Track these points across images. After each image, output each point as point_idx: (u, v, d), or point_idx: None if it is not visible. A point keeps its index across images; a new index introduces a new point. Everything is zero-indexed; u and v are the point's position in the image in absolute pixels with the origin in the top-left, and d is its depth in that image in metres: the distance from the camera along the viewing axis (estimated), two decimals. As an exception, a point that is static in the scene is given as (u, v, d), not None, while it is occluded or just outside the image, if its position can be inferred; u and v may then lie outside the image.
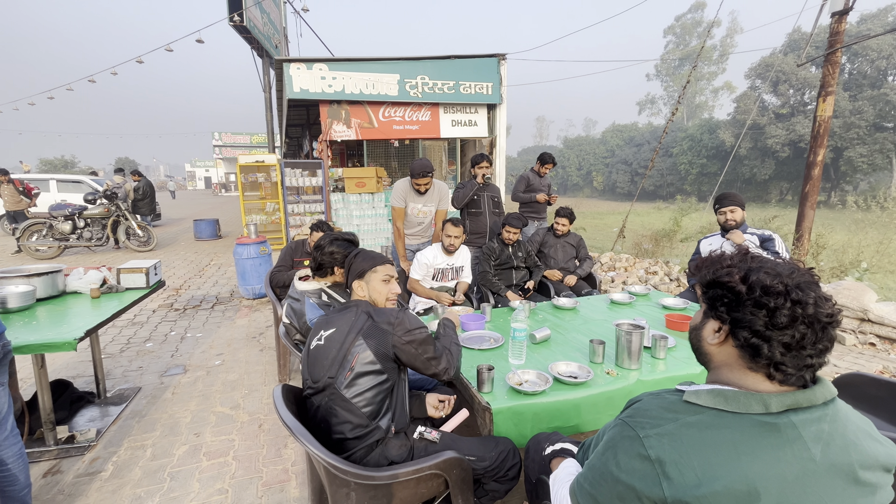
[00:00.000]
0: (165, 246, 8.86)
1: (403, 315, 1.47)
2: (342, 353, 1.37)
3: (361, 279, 1.59)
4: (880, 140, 22.57)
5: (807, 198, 5.72)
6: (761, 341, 0.74)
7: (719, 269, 0.82)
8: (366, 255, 1.63)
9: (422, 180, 3.07)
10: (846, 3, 5.21)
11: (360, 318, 1.44)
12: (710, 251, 2.98)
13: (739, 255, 0.84)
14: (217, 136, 37.58)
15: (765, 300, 0.74)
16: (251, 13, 10.90)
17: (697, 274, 0.89)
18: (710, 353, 0.85)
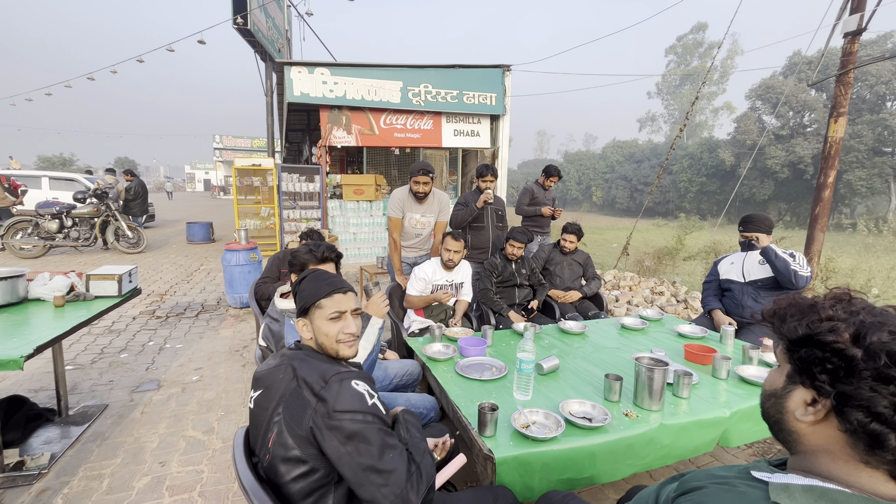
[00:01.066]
0: (156, 248, 8.62)
1: (340, 384, 1.00)
2: (264, 428, 1.04)
3: (304, 317, 1.19)
4: (879, 164, 22.66)
5: (817, 220, 5.56)
6: (887, 429, 0.54)
7: (816, 320, 0.61)
8: (310, 283, 1.21)
9: (421, 178, 2.87)
10: (859, 24, 5.11)
11: (287, 375, 1.05)
12: (731, 268, 2.79)
13: (842, 302, 0.63)
14: (218, 139, 37.51)
15: (892, 373, 0.53)
16: (255, 17, 10.82)
17: (775, 321, 0.68)
18: (800, 433, 0.64)
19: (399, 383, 2.06)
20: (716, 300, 2.82)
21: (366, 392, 1.01)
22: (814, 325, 0.61)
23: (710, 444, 1.63)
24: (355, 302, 1.23)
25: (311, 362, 1.08)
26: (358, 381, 1.03)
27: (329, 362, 1.13)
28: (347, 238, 7.60)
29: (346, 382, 1.01)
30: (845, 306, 0.62)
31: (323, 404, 0.97)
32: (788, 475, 0.63)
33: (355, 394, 1.00)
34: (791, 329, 0.64)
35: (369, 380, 1.08)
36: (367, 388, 1.03)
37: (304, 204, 7.98)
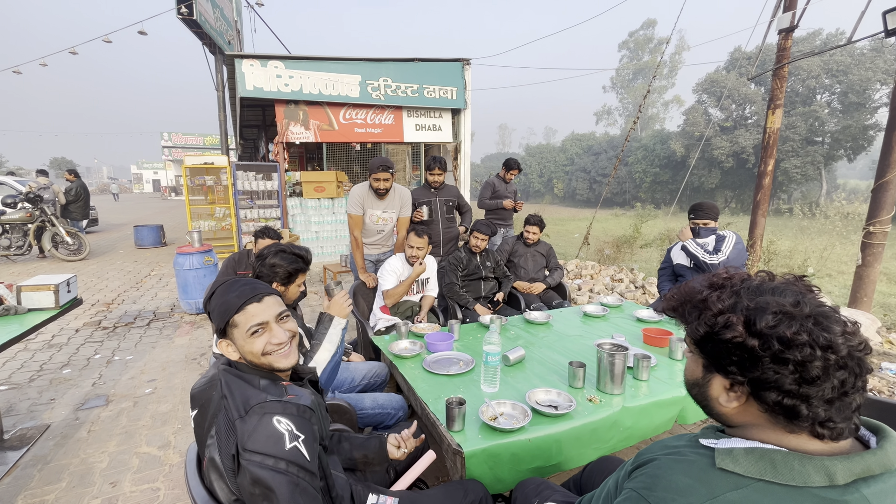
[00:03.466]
0: (101, 255, 8.05)
1: (259, 418, 0.88)
2: (202, 450, 0.96)
3: (224, 337, 1.06)
4: (811, 153, 24.51)
5: (759, 206, 5.94)
6: (798, 401, 0.59)
7: (711, 316, 0.65)
8: (217, 299, 1.06)
9: (381, 175, 2.81)
10: (792, 21, 5.47)
11: (218, 394, 0.96)
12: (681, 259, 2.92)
13: (720, 283, 0.69)
14: (167, 137, 35.47)
15: (787, 355, 0.58)
16: (202, 7, 10.23)
17: (674, 315, 0.73)
18: (727, 414, 0.69)
19: (366, 384, 2.02)
20: (670, 284, 2.95)
21: (287, 433, 0.88)
22: (711, 323, 0.65)
23: (668, 423, 1.70)
24: (278, 305, 1.10)
25: (237, 383, 0.97)
26: (283, 417, 0.90)
27: (261, 383, 1.00)
28: (310, 237, 7.40)
29: (266, 418, 0.89)
30: (729, 292, 0.66)
31: (235, 434, 0.88)
32: (732, 440, 0.66)
33: (272, 434, 0.87)
34: (693, 330, 0.68)
35: (300, 414, 0.94)
36: (291, 428, 0.90)
37: (263, 203, 7.69)
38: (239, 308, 1.04)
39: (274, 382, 1.02)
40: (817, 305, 0.62)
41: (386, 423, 1.74)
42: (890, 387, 2.89)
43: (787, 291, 0.64)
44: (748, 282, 0.67)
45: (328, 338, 1.58)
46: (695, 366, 0.72)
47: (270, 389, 0.98)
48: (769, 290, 0.64)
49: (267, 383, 1.01)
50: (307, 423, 0.94)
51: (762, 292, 0.64)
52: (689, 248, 2.76)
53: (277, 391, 0.99)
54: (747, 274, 0.71)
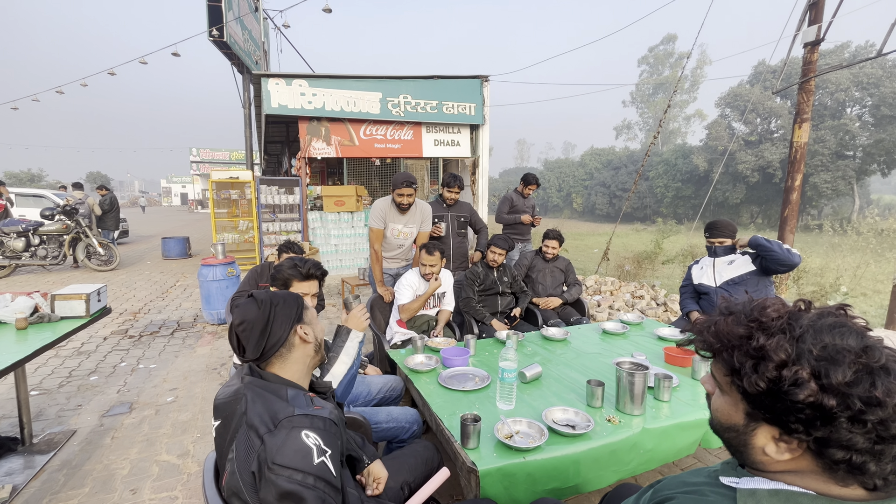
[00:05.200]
0: (130, 265, 8.35)
1: (288, 432, 0.89)
2: (223, 462, 0.97)
3: (301, 323, 1.11)
4: (842, 167, 23.71)
5: (786, 222, 5.76)
6: (868, 458, 0.53)
7: (768, 366, 0.56)
8: (276, 294, 1.13)
9: (405, 190, 2.86)
10: (818, 35, 5.37)
11: (241, 408, 0.96)
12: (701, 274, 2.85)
13: (765, 320, 0.60)
14: (195, 152, 36.84)
15: (869, 415, 0.52)
16: (232, 29, 10.72)
17: (714, 358, 0.65)
18: (768, 463, 0.62)
19: (382, 398, 2.02)
20: (693, 302, 2.87)
21: (314, 447, 0.89)
22: (774, 377, 0.56)
23: (691, 447, 1.64)
24: None
25: (264, 397, 0.98)
26: (311, 431, 0.91)
27: (288, 393, 1.00)
28: (329, 250, 7.51)
29: (294, 432, 0.90)
30: (787, 336, 0.57)
31: (264, 449, 0.88)
32: (755, 479, 0.63)
33: (301, 448, 0.88)
34: (750, 383, 0.58)
35: (327, 428, 0.95)
36: (319, 442, 0.90)
37: (284, 216, 7.87)
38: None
39: (302, 393, 1.04)
40: (888, 352, 0.56)
41: (401, 438, 1.73)
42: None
43: (845, 331, 0.57)
44: (798, 319, 0.59)
45: (345, 351, 1.59)
46: (732, 410, 0.63)
47: (298, 401, 0.99)
48: (827, 328, 0.57)
49: (294, 394, 1.02)
50: (334, 438, 0.95)
51: (821, 332, 0.57)
52: (764, 238, 2.53)
53: (305, 402, 1.00)
54: (788, 306, 0.63)
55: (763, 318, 0.61)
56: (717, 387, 0.67)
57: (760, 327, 0.60)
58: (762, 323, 0.60)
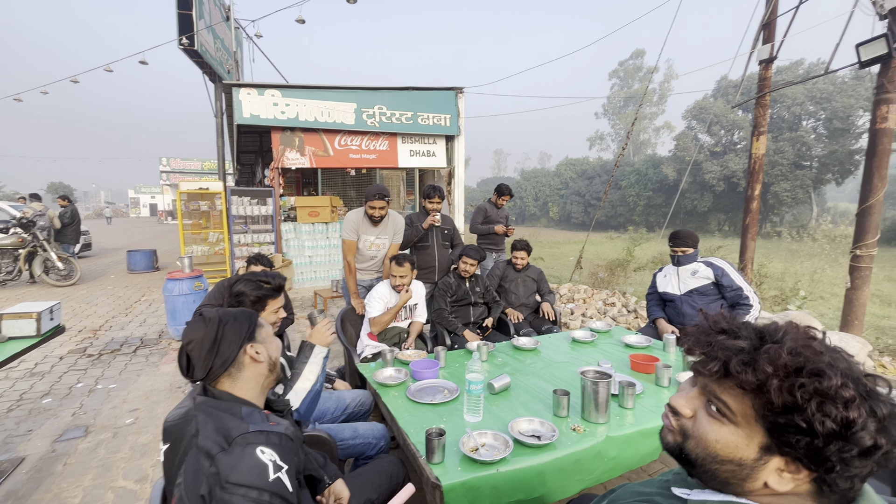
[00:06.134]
0: (92, 280, 7.99)
1: (243, 449, 0.87)
2: (170, 489, 0.93)
3: (252, 342, 1.07)
4: (800, 177, 25.02)
5: (748, 230, 6.01)
6: (861, 482, 0.55)
7: (842, 409, 0.51)
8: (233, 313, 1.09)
9: (377, 203, 2.85)
10: (771, 53, 5.69)
11: (191, 431, 0.92)
12: (665, 282, 2.93)
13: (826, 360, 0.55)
14: (165, 162, 35.84)
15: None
16: (203, 37, 10.53)
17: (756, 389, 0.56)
18: (752, 491, 0.59)
19: (351, 413, 1.99)
20: (658, 310, 2.95)
21: (270, 463, 0.87)
22: (847, 422, 0.51)
23: (655, 452, 1.67)
24: None
25: (216, 416, 0.94)
26: (266, 447, 0.89)
27: (243, 411, 0.97)
28: (303, 261, 7.39)
29: (249, 449, 0.87)
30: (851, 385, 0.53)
31: (216, 469, 0.84)
32: (704, 491, 0.64)
33: (256, 464, 0.86)
34: (819, 422, 0.52)
35: (282, 444, 0.93)
36: (275, 458, 0.88)
37: (257, 228, 7.72)
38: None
39: (257, 410, 1.01)
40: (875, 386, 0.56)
41: (367, 454, 1.70)
42: (883, 412, 2.87)
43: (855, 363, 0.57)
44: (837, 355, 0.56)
45: (309, 366, 1.57)
46: (742, 443, 0.58)
47: (253, 418, 0.96)
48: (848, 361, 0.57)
49: (249, 411, 0.98)
50: (290, 454, 0.93)
51: (852, 366, 0.56)
52: None
53: (260, 419, 0.97)
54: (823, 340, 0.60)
55: (820, 351, 0.56)
56: (723, 417, 0.60)
57: (829, 364, 0.54)
58: (826, 361, 0.55)
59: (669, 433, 0.67)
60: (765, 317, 4.02)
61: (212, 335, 1.02)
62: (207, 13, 11.09)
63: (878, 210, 4.37)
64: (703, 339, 0.63)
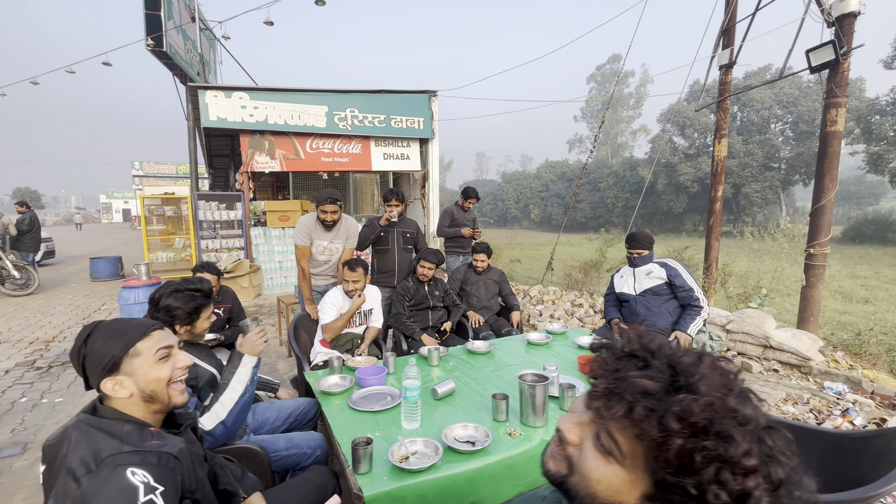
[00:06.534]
0: (51, 289, 7.68)
1: (111, 471, 0.82)
2: None
3: (113, 374, 0.96)
4: (769, 178, 25.85)
5: (712, 230, 6.16)
6: None
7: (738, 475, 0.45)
8: (109, 332, 0.99)
9: (328, 207, 2.81)
10: (730, 58, 5.85)
11: (62, 451, 0.88)
12: (623, 283, 2.97)
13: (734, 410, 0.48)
14: (137, 166, 34.84)
15: None
16: (172, 38, 10.29)
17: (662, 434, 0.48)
18: None
19: (293, 422, 1.94)
20: (615, 310, 2.98)
21: (142, 485, 0.82)
22: (738, 494, 0.45)
23: (593, 455, 1.67)
24: (172, 338, 1.07)
25: (91, 434, 0.88)
26: (138, 468, 0.84)
27: (123, 429, 0.91)
28: (273, 267, 7.26)
29: (118, 471, 0.82)
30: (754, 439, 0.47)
31: (81, 492, 0.79)
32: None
33: (124, 487, 0.81)
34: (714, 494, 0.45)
35: (162, 464, 0.88)
36: (148, 479, 0.83)
37: (226, 233, 7.56)
38: (144, 334, 1.00)
39: (140, 429, 0.94)
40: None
41: (302, 465, 1.65)
42: (829, 406, 2.95)
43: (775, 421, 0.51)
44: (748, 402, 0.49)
45: (237, 377, 1.52)
46: (624, 487, 0.52)
47: (131, 437, 0.91)
48: (757, 410, 0.50)
49: (130, 429, 0.93)
50: (169, 474, 0.88)
51: (759, 418, 0.49)
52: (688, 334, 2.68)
53: (140, 438, 0.92)
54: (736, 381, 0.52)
55: (724, 405, 0.47)
56: (610, 455, 0.53)
57: (739, 424, 0.47)
58: (738, 420, 0.47)
59: (552, 459, 0.59)
60: (723, 315, 4.11)
61: (76, 354, 0.97)
62: (177, 13, 10.84)
63: (830, 210, 4.52)
64: (612, 367, 0.55)
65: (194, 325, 1.57)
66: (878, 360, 4.19)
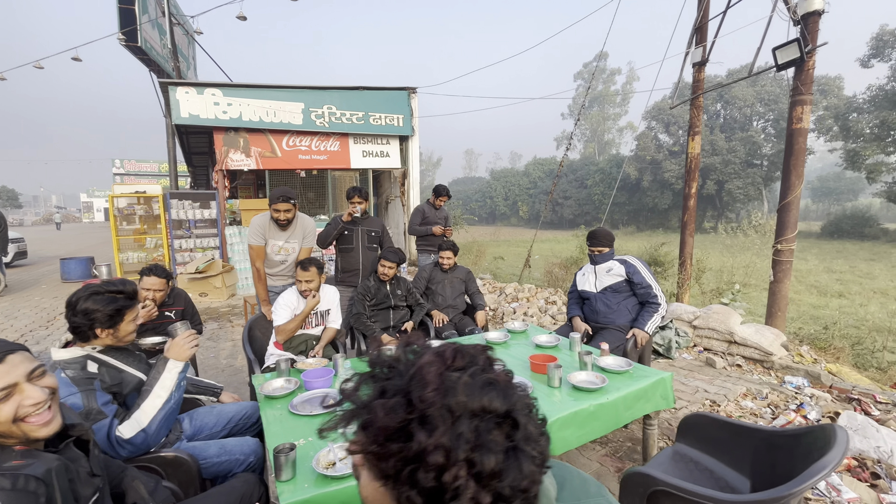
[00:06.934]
0: (19, 290, 7.46)
1: None
2: None
3: None
4: (752, 174, 26.28)
5: (686, 226, 6.21)
6: None
7: (428, 471, 0.43)
8: None
9: (281, 205, 2.74)
10: (703, 56, 5.89)
11: None
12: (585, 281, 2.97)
13: (430, 400, 0.46)
14: (119, 164, 34.13)
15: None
16: (147, 33, 10.06)
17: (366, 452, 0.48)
18: None
19: (234, 427, 1.89)
20: (576, 308, 2.98)
21: None
22: (435, 491, 0.44)
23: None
24: (28, 362, 0.96)
25: None
26: None
27: None
28: (247, 266, 7.13)
29: None
30: (448, 424, 0.45)
31: None
32: None
33: None
34: (408, 499, 0.45)
35: (18, 487, 0.82)
36: None
37: (201, 232, 7.42)
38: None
39: (4, 449, 0.89)
40: (525, 407, 0.49)
41: (234, 472, 1.61)
42: (787, 401, 2.99)
43: (493, 394, 0.47)
44: (455, 388, 0.46)
45: (160, 383, 1.47)
46: (381, 497, 0.48)
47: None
48: (478, 393, 0.47)
49: None
50: (26, 497, 0.83)
51: (473, 402, 0.47)
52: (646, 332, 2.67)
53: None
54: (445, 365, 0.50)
55: (422, 398, 0.46)
56: (359, 466, 0.51)
57: (420, 418, 0.45)
58: (421, 408, 0.45)
59: (354, 471, 0.55)
60: (690, 311, 4.14)
61: None
62: (153, 8, 10.61)
63: (796, 206, 4.58)
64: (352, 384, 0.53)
65: (117, 329, 1.50)
66: (842, 353, 4.27)
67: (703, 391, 3.13)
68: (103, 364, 1.51)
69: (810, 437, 1.38)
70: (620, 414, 1.89)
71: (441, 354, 0.50)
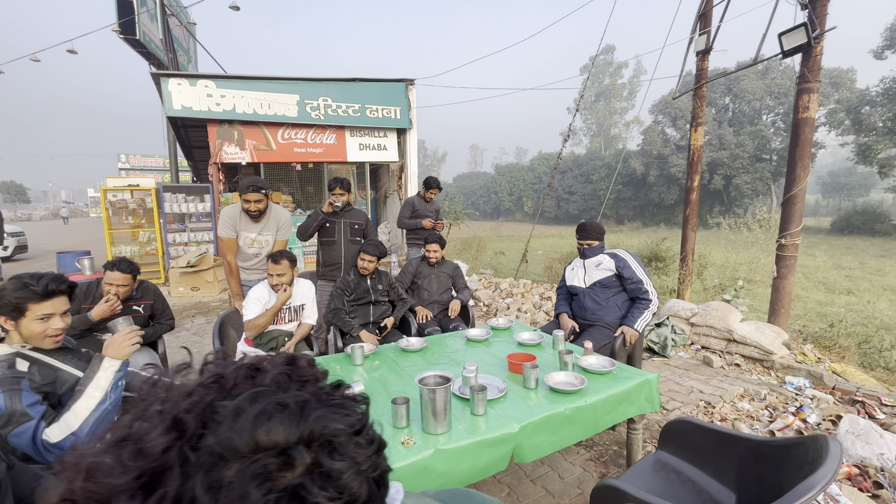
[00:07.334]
0: (16, 284, 7.46)
1: None
2: None
3: None
4: (760, 169, 25.79)
5: (688, 221, 6.03)
6: None
7: None
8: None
9: (251, 196, 2.62)
10: (707, 44, 5.69)
11: None
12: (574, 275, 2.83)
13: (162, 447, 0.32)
14: (124, 159, 34.28)
15: None
16: (146, 27, 9.97)
17: None
18: None
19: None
20: (565, 304, 2.85)
21: None
22: None
23: (501, 463, 1.53)
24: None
25: None
26: None
27: None
28: (242, 260, 7.07)
29: None
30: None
31: None
32: None
33: None
34: None
35: None
36: None
37: (195, 225, 7.35)
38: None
39: None
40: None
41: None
42: (787, 402, 2.84)
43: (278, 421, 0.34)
44: (215, 414, 0.34)
45: (94, 383, 1.36)
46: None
47: None
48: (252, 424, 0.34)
49: None
50: None
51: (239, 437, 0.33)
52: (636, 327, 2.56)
53: None
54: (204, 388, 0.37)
55: (147, 448, 0.32)
56: None
57: (141, 475, 0.31)
58: (146, 462, 0.31)
59: None
60: (688, 308, 3.99)
61: None
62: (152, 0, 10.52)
63: (802, 199, 4.40)
64: None
65: (19, 324, 1.37)
66: (848, 352, 4.09)
67: (699, 391, 2.98)
68: (35, 362, 1.40)
69: (801, 448, 1.24)
70: (600, 418, 1.76)
71: (216, 374, 0.37)
